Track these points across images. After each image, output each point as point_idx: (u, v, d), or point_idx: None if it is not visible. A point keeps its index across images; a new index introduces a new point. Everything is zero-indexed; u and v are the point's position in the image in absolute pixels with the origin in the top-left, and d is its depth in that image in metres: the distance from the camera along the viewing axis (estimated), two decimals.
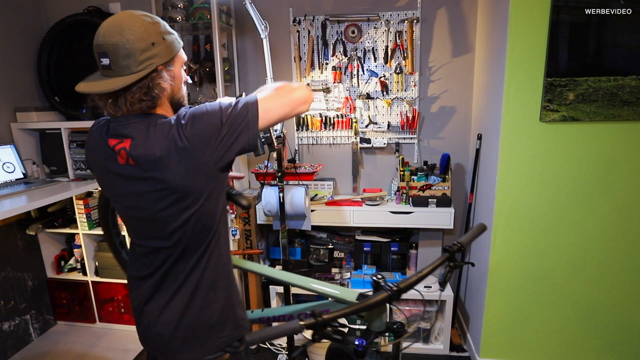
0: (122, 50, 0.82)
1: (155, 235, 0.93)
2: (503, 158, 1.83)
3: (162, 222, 0.90)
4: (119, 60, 0.83)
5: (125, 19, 0.84)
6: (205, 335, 0.97)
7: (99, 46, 0.84)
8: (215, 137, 0.85)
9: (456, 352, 2.27)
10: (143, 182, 0.88)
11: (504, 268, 1.94)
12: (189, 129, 0.85)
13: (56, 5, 2.56)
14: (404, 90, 2.37)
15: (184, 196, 0.87)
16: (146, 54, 0.84)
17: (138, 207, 0.91)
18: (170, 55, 0.90)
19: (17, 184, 2.26)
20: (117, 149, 0.88)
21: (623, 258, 1.85)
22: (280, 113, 0.92)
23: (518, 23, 1.69)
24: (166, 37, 0.88)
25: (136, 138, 0.86)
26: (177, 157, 0.84)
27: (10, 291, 2.38)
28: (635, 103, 1.68)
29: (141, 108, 0.88)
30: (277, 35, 2.41)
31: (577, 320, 1.95)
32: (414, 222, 2.26)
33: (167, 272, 0.96)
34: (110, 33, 0.83)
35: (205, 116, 0.87)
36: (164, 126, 0.87)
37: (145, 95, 0.87)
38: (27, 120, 2.40)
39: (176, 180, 0.85)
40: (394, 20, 2.29)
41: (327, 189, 2.46)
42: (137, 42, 0.83)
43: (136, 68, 0.84)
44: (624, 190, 1.78)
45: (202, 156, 0.85)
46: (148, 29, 0.85)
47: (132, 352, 2.38)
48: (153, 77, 0.87)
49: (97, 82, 0.86)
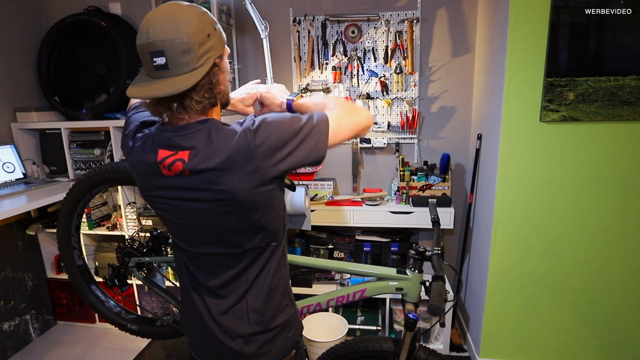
0: (180, 45, 0.75)
1: (216, 243, 0.90)
2: (503, 158, 1.83)
3: (224, 230, 0.87)
4: (177, 57, 0.75)
5: (176, 11, 0.77)
6: (276, 336, 0.97)
7: (150, 44, 0.75)
8: (285, 150, 0.82)
9: (456, 352, 2.27)
10: (200, 192, 0.84)
11: (504, 268, 1.94)
12: (259, 139, 0.80)
13: (56, 5, 2.56)
14: (404, 90, 2.37)
15: (247, 207, 0.84)
16: (204, 47, 0.78)
17: (195, 215, 0.88)
18: (223, 46, 0.85)
19: (17, 184, 2.26)
20: (167, 162, 0.83)
21: (623, 258, 1.85)
22: (347, 136, 0.90)
23: (518, 23, 1.69)
24: (216, 27, 0.83)
25: (197, 147, 0.81)
26: (242, 167, 0.80)
27: (10, 291, 2.38)
28: (635, 103, 1.68)
29: (204, 108, 0.83)
30: (277, 35, 2.41)
31: (577, 320, 1.95)
32: (414, 222, 2.26)
33: (233, 278, 0.93)
34: (164, 29, 0.75)
35: (277, 127, 0.82)
36: (229, 135, 0.81)
37: (208, 93, 0.81)
38: (27, 120, 2.40)
39: (239, 190, 0.81)
40: (394, 20, 2.29)
41: (327, 189, 2.46)
42: (194, 35, 0.76)
43: (196, 64, 0.77)
44: (624, 190, 1.78)
45: (269, 169, 0.81)
46: (202, 19, 0.78)
47: (132, 352, 2.38)
48: (215, 72, 0.82)
49: (154, 84, 0.78)
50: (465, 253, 2.39)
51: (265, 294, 0.94)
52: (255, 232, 0.89)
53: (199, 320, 0.97)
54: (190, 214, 0.87)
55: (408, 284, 1.26)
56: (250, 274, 0.93)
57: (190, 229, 0.90)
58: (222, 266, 0.93)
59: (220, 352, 0.96)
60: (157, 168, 0.84)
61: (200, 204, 0.85)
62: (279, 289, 0.97)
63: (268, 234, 0.91)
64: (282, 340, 0.98)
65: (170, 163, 0.82)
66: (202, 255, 0.93)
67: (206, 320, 0.96)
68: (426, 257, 1.24)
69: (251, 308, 0.94)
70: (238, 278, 0.93)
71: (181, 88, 0.76)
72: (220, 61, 0.84)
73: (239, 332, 0.94)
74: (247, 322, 0.94)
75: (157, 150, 0.84)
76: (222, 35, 0.85)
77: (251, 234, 0.89)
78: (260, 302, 0.94)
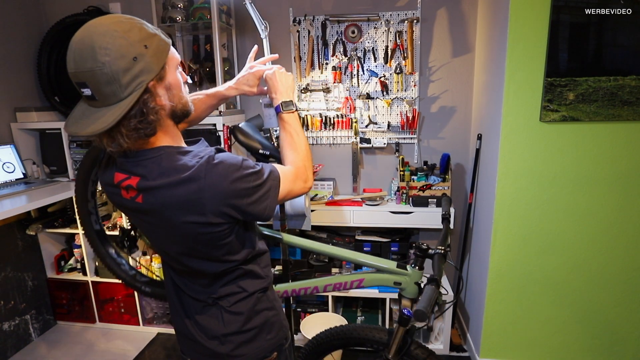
0: (101, 76, 0.69)
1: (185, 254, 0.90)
2: (503, 158, 1.83)
3: (186, 248, 0.86)
4: (101, 88, 0.70)
5: (94, 35, 0.69)
6: (254, 338, 0.97)
7: (73, 75, 0.71)
8: (241, 201, 0.80)
9: (456, 352, 2.27)
10: (153, 218, 0.83)
11: (504, 268, 1.94)
12: (212, 182, 0.77)
13: (56, 6, 2.56)
14: (404, 90, 2.37)
15: (198, 242, 0.84)
16: (131, 73, 0.71)
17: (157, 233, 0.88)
18: (160, 64, 0.75)
19: (17, 184, 2.26)
20: (124, 185, 0.82)
21: (623, 258, 1.85)
22: (293, 196, 0.93)
23: (518, 23, 1.69)
24: (148, 44, 0.73)
25: (147, 177, 0.78)
26: (192, 208, 0.77)
27: (10, 291, 2.38)
28: (635, 103, 1.68)
29: (139, 137, 0.76)
30: (277, 35, 2.41)
31: (577, 320, 1.95)
32: (414, 222, 2.26)
33: (203, 286, 0.94)
34: (83, 57, 0.69)
35: (233, 177, 0.78)
36: (180, 169, 0.77)
37: (140, 124, 0.74)
38: (27, 120, 2.40)
39: (187, 227, 0.80)
40: (394, 20, 2.29)
41: (327, 189, 2.46)
42: (115, 62, 0.69)
43: (123, 93, 0.71)
44: (624, 190, 1.78)
45: (218, 212, 0.79)
46: (123, 41, 0.70)
47: (132, 352, 2.38)
48: (145, 100, 0.74)
49: (85, 119, 0.73)
50: (465, 253, 2.39)
51: (237, 301, 0.95)
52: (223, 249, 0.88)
53: (180, 319, 0.99)
54: (152, 231, 0.88)
55: (407, 279, 1.25)
56: (217, 284, 0.93)
57: (158, 240, 0.90)
58: (193, 273, 0.93)
59: (201, 350, 0.98)
60: (118, 189, 0.84)
61: (157, 229, 0.86)
62: (254, 296, 0.97)
63: (236, 249, 0.90)
64: (261, 342, 0.98)
65: (126, 186, 0.82)
66: (176, 261, 0.94)
67: (185, 318, 0.98)
68: (428, 254, 1.23)
69: (225, 310, 0.94)
70: (207, 287, 0.94)
71: (103, 127, 0.71)
72: (156, 84, 0.76)
73: (214, 333, 0.95)
74: (221, 323, 0.94)
75: (114, 173, 0.84)
76: (159, 50, 0.75)
77: (211, 257, 0.88)
78: (232, 305, 0.95)
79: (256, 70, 1.08)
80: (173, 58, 0.80)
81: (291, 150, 0.97)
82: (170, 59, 0.79)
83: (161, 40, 0.76)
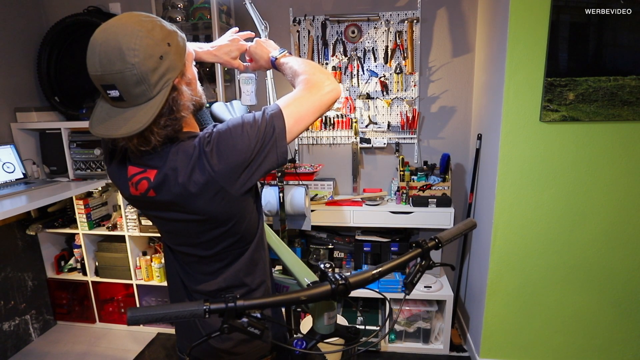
0: (130, 77, 0.69)
1: (193, 245, 0.90)
2: (503, 158, 1.83)
3: (198, 236, 0.87)
4: (131, 89, 0.70)
5: (119, 36, 0.69)
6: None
7: (100, 78, 0.70)
8: (244, 165, 0.78)
9: (456, 352, 2.27)
10: (168, 212, 0.84)
11: (504, 268, 1.94)
12: (216, 159, 0.76)
13: (56, 5, 2.56)
14: (404, 90, 2.37)
15: (216, 224, 0.84)
16: (159, 72, 0.71)
17: (170, 231, 0.89)
18: (182, 61, 0.77)
19: (17, 184, 2.26)
20: (135, 180, 0.82)
21: (623, 258, 1.85)
22: (308, 122, 0.83)
23: (518, 23, 1.69)
24: (170, 41, 0.74)
25: (163, 169, 0.79)
26: (204, 188, 0.77)
27: (10, 291, 2.38)
28: (635, 103, 1.68)
29: (167, 134, 0.77)
30: (277, 35, 2.41)
31: (577, 320, 1.95)
32: (414, 222, 2.26)
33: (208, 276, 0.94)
34: (110, 60, 0.68)
35: (231, 143, 0.77)
36: (187, 152, 0.78)
37: (170, 121, 0.76)
38: (27, 120, 2.40)
39: (205, 210, 0.80)
40: (394, 20, 2.29)
41: (327, 189, 2.46)
42: (144, 62, 0.69)
43: (152, 92, 0.72)
44: (623, 190, 1.78)
45: (232, 187, 0.79)
46: (149, 41, 0.70)
47: (132, 352, 2.38)
48: (174, 97, 0.75)
49: (113, 120, 0.73)
50: (465, 253, 2.39)
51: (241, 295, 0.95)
52: (229, 237, 0.89)
53: None
54: (164, 224, 0.89)
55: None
56: (224, 273, 0.94)
57: (169, 233, 0.92)
58: (200, 264, 0.94)
59: (201, 346, 0.97)
60: (127, 185, 0.84)
61: (171, 223, 0.87)
62: (259, 290, 0.98)
63: (243, 236, 0.91)
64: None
65: (137, 181, 0.82)
66: (183, 254, 0.95)
67: None
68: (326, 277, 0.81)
69: None
70: (213, 279, 0.94)
71: (139, 127, 0.71)
72: (180, 80, 0.77)
73: (215, 328, 0.95)
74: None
75: (127, 166, 0.84)
76: (180, 45, 0.76)
77: (225, 238, 0.89)
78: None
79: (241, 45, 1.07)
80: (190, 53, 0.82)
81: (298, 75, 0.91)
82: (189, 54, 0.81)
83: (179, 36, 0.78)
